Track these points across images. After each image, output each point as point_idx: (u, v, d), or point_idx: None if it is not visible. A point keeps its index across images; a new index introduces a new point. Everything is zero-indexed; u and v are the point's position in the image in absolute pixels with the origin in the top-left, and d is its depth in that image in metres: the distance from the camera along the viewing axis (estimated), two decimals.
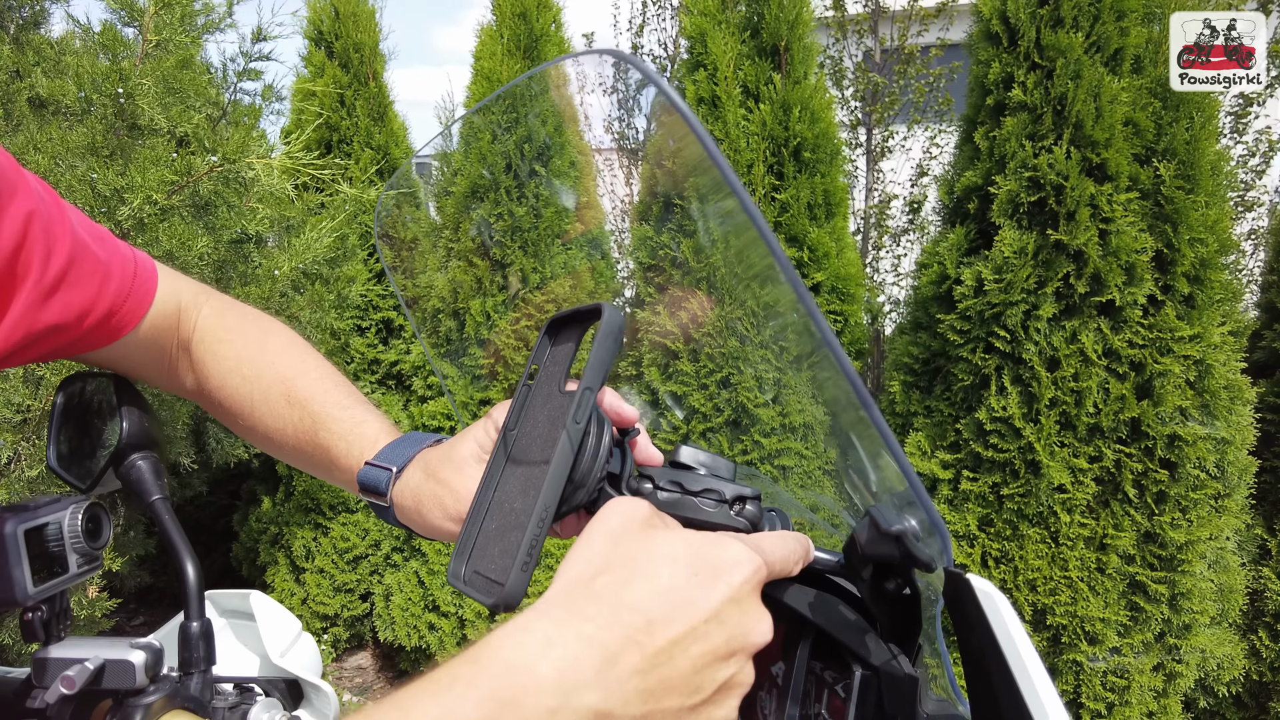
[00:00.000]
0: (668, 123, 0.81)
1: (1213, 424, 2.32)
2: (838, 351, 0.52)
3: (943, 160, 4.75)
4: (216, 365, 0.78)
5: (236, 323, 0.82)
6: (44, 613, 0.64)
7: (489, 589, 0.53)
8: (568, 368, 0.62)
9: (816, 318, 0.49)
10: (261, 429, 0.77)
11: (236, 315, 0.83)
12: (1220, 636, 2.45)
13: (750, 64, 2.98)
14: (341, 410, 0.74)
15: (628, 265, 3.67)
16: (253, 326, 0.82)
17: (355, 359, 3.77)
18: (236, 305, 0.85)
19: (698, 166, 0.58)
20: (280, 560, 3.62)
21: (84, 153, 1.96)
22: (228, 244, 2.23)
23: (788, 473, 2.84)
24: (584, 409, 0.55)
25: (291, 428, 0.74)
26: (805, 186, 2.94)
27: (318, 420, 0.73)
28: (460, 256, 3.39)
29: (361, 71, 3.85)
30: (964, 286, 2.45)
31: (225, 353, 0.78)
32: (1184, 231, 2.30)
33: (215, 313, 0.82)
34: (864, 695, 0.58)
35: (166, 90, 2.18)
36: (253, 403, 0.77)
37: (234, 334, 0.80)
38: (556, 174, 3.34)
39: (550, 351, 0.65)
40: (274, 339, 0.80)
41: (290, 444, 0.75)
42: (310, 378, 0.77)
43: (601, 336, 0.56)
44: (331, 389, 0.76)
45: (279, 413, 0.75)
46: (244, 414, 0.77)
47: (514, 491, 0.58)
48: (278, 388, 0.76)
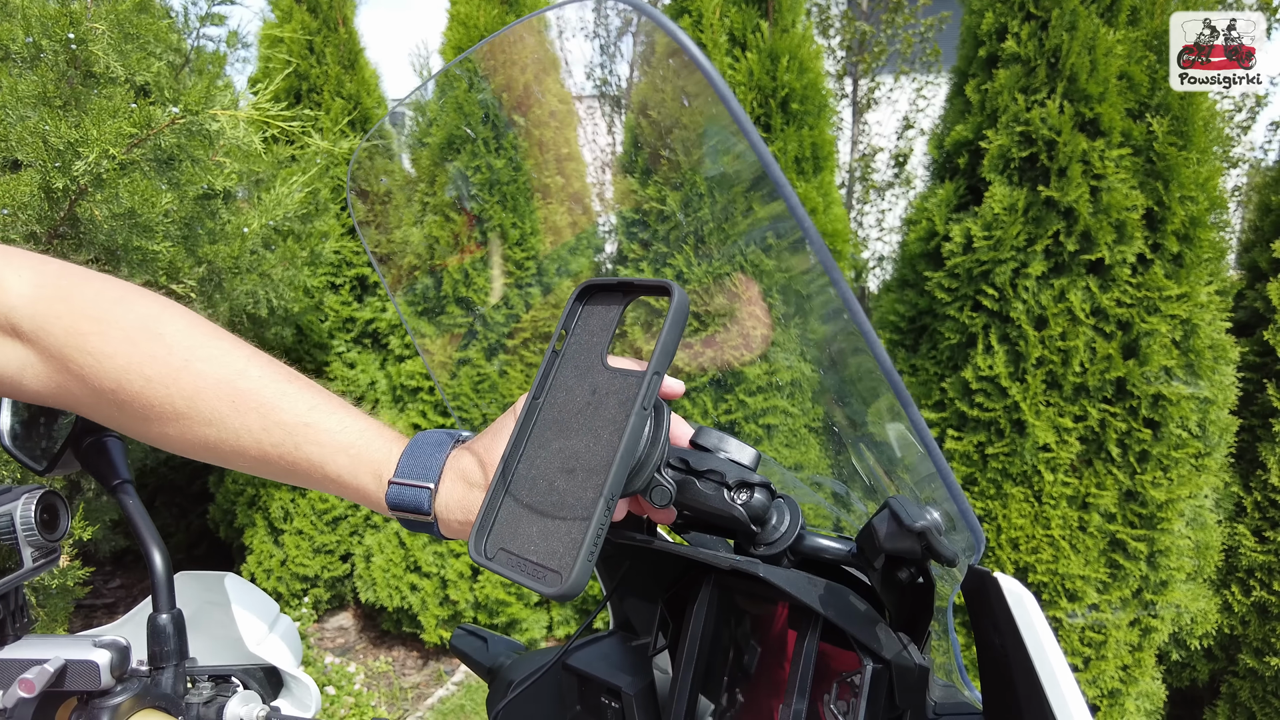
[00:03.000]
0: (678, 71, 0.75)
1: (1197, 384, 2.32)
2: (875, 345, 0.48)
3: (930, 113, 4.68)
4: (95, 364, 0.62)
5: (95, 304, 0.64)
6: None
7: (537, 574, 0.50)
8: (609, 339, 0.58)
9: (856, 315, 0.45)
10: (196, 439, 0.64)
11: (85, 290, 0.65)
12: (1195, 592, 2.50)
13: (736, 10, 2.88)
14: (323, 416, 0.64)
15: (609, 220, 3.60)
16: (119, 307, 0.65)
17: (330, 317, 3.68)
18: (70, 271, 0.66)
19: (711, 122, 0.53)
20: (258, 522, 3.58)
21: (35, 102, 1.85)
22: (194, 200, 2.13)
23: (773, 431, 2.83)
24: (652, 394, 0.53)
25: (250, 438, 0.63)
26: (793, 139, 2.87)
27: (294, 432, 0.63)
28: (437, 211, 3.29)
29: (331, 17, 3.69)
30: (953, 243, 2.41)
31: (98, 347, 0.62)
32: (1175, 189, 2.27)
33: (49, 290, 0.64)
34: (875, 688, 0.56)
35: (123, 36, 2.05)
36: (175, 411, 0.63)
37: (102, 323, 0.63)
38: (537, 124, 3.24)
39: (581, 319, 0.60)
40: (166, 324, 0.64)
41: (250, 454, 0.64)
42: (252, 376, 0.64)
43: (673, 319, 0.53)
44: (288, 388, 0.65)
45: (223, 421, 0.63)
46: (162, 421, 0.64)
47: (551, 469, 0.54)
48: (210, 392, 0.63)
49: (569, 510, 0.51)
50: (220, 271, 2.34)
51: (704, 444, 0.60)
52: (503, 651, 0.84)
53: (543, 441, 0.56)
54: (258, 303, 2.73)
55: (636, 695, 0.69)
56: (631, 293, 0.58)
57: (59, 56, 1.89)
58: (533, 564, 0.51)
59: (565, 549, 0.49)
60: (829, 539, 0.60)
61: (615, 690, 0.70)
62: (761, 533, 0.59)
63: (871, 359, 0.49)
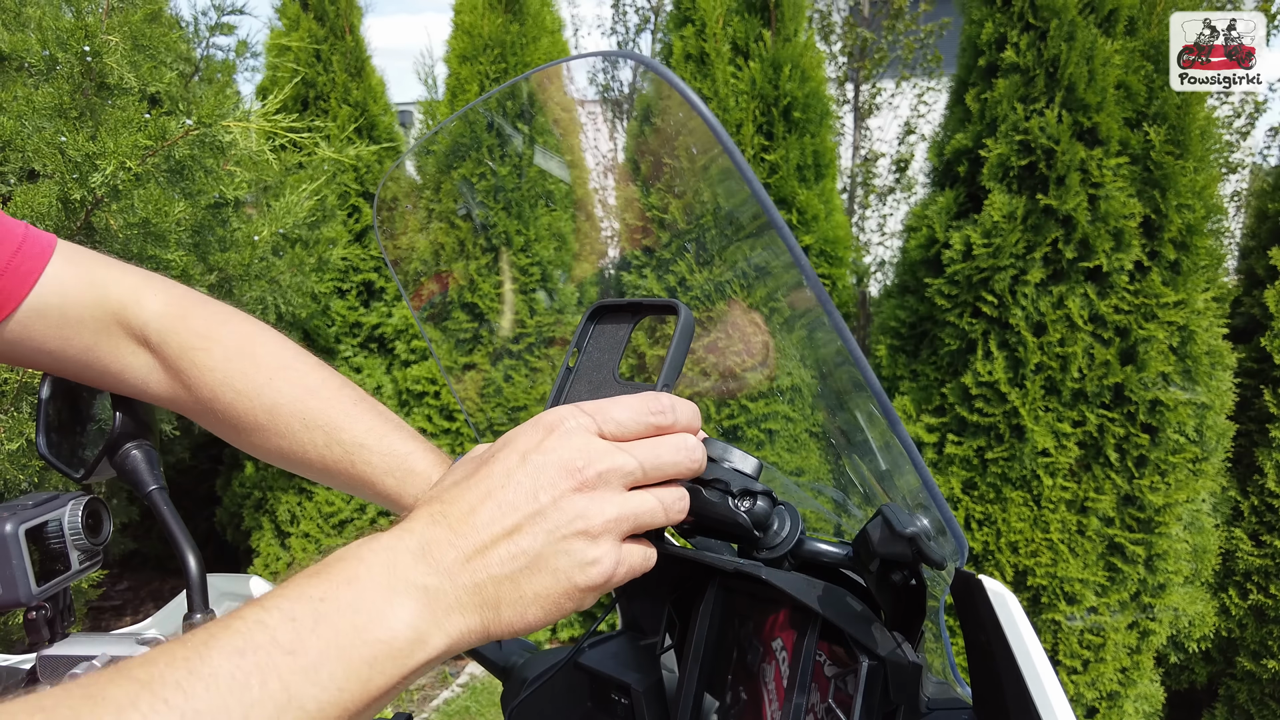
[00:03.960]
0: (673, 109, 0.78)
1: (1194, 389, 2.35)
2: (865, 370, 0.51)
3: (931, 119, 4.71)
4: (200, 376, 0.72)
5: (206, 324, 0.74)
6: (47, 611, 0.64)
7: None
8: (619, 356, 0.61)
9: (849, 342, 0.49)
10: (273, 448, 0.73)
11: (201, 311, 0.76)
12: (1193, 595, 2.52)
13: (739, 20, 2.92)
14: (376, 440, 0.72)
15: (612, 226, 3.63)
16: (225, 328, 0.75)
17: (336, 322, 3.72)
18: (192, 295, 0.78)
19: (717, 173, 0.56)
20: (265, 525, 3.62)
21: (51, 114, 1.89)
22: (205, 208, 2.17)
23: (774, 436, 2.86)
24: None
25: (315, 453, 0.72)
26: (795, 147, 2.91)
27: (351, 451, 0.71)
28: (443, 218, 3.33)
29: (338, 25, 3.73)
30: (952, 250, 2.45)
31: (204, 361, 0.72)
32: (1172, 197, 2.30)
33: (174, 308, 0.74)
34: (871, 684, 0.59)
35: (135, 47, 2.10)
36: (256, 422, 0.72)
37: (209, 340, 0.73)
38: (541, 132, 3.28)
39: (593, 338, 0.64)
40: (259, 345, 0.74)
41: (316, 467, 0.72)
42: (323, 396, 0.73)
43: (679, 337, 0.56)
44: (353, 410, 0.73)
45: (294, 435, 0.72)
46: (247, 431, 0.73)
47: None
48: (286, 408, 0.72)
49: None
50: (231, 278, 2.38)
51: (710, 454, 0.63)
52: (515, 650, 0.88)
53: None
54: (266, 308, 2.77)
55: (645, 692, 0.72)
56: (641, 312, 0.62)
57: (74, 68, 1.93)
58: None
59: None
60: (827, 543, 0.63)
61: (625, 687, 0.73)
62: (764, 537, 0.62)
63: (861, 378, 0.53)
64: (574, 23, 6.02)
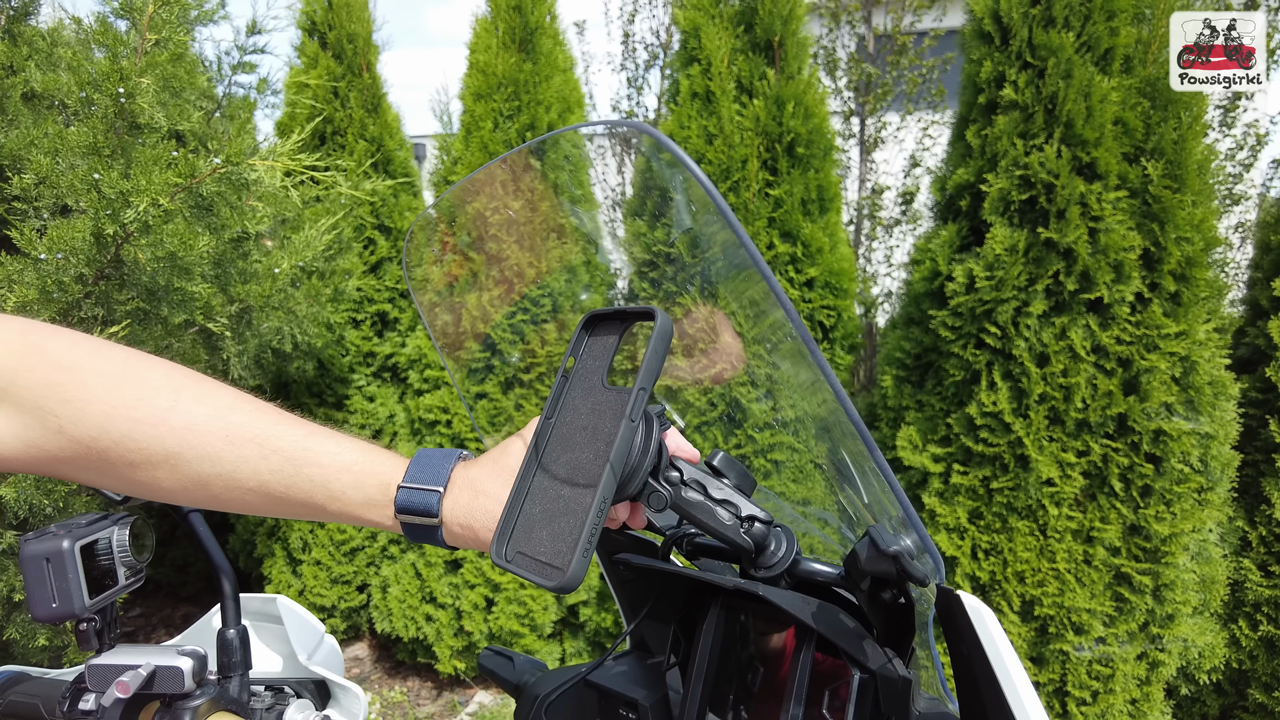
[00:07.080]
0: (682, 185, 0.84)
1: (1197, 419, 2.37)
2: (849, 409, 0.56)
3: (935, 152, 4.78)
4: (76, 412, 0.61)
5: (70, 355, 0.64)
6: (96, 622, 0.68)
7: (544, 571, 0.56)
8: (608, 363, 0.65)
9: (835, 386, 0.53)
10: (188, 477, 0.64)
11: (56, 343, 0.64)
12: (1202, 626, 2.52)
13: (744, 59, 3.01)
14: (320, 442, 0.67)
15: (620, 259, 3.70)
16: (97, 356, 0.64)
17: (350, 351, 3.79)
18: (36, 326, 0.66)
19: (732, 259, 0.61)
20: (277, 552, 3.66)
21: (85, 152, 1.97)
22: (227, 242, 2.25)
23: (780, 466, 2.89)
24: (639, 407, 0.59)
25: (248, 469, 0.64)
26: (799, 182, 2.97)
27: (293, 457, 0.65)
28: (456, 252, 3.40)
29: (355, 63, 3.85)
30: (955, 283, 2.49)
31: (79, 395, 0.62)
32: (1171, 230, 2.35)
33: (16, 344, 0.63)
34: (862, 696, 0.63)
35: (164, 87, 2.19)
36: (164, 452, 0.63)
37: (80, 371, 0.63)
38: (552, 168, 3.36)
39: (587, 346, 0.69)
40: (145, 369, 0.65)
41: (247, 486, 0.65)
42: (243, 410, 0.66)
43: (656, 340, 0.60)
44: (280, 419, 0.67)
45: (217, 456, 0.64)
46: (150, 465, 0.63)
47: (559, 479, 0.62)
48: (204, 427, 0.64)
49: (571, 514, 0.58)
50: (251, 310, 2.45)
51: (718, 467, 0.68)
52: (527, 670, 0.92)
53: (554, 456, 0.64)
54: (283, 338, 2.84)
55: (651, 707, 0.76)
56: (626, 320, 0.67)
57: (109, 109, 2.02)
58: (542, 563, 0.57)
59: (566, 547, 0.56)
60: (821, 563, 0.67)
61: (632, 703, 0.77)
62: (762, 558, 0.67)
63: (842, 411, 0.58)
64: (584, 59, 6.15)
